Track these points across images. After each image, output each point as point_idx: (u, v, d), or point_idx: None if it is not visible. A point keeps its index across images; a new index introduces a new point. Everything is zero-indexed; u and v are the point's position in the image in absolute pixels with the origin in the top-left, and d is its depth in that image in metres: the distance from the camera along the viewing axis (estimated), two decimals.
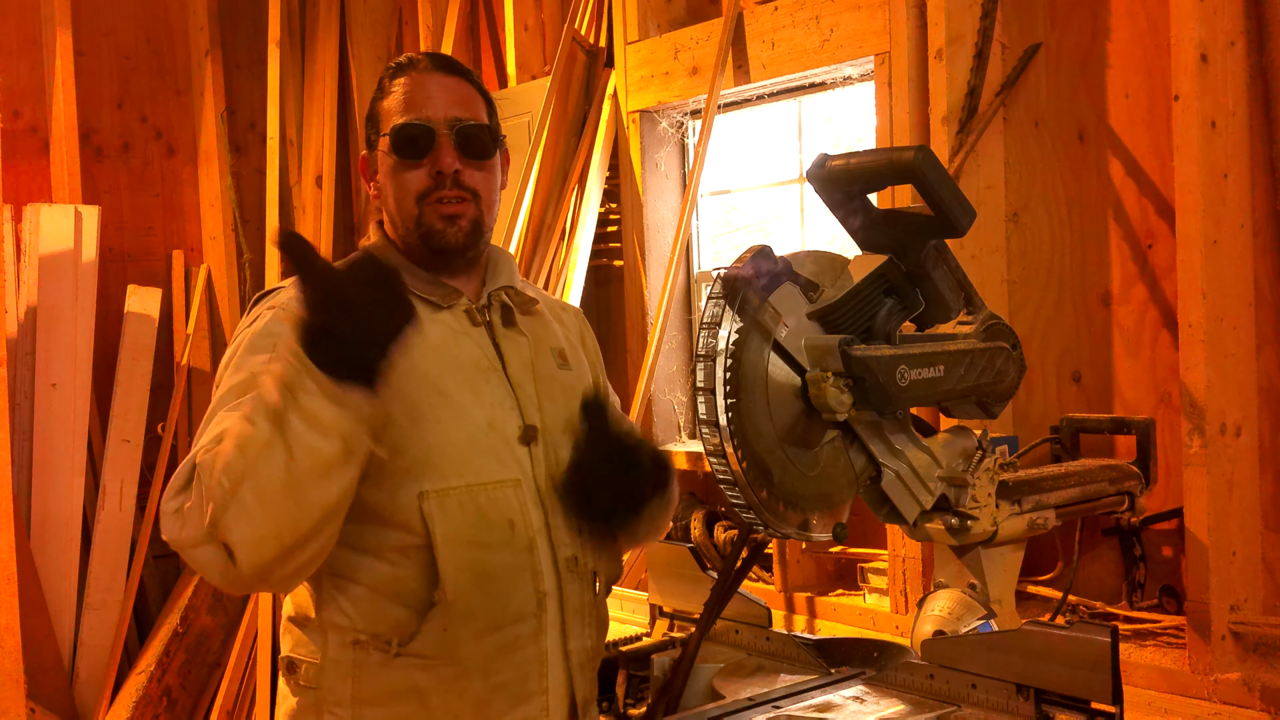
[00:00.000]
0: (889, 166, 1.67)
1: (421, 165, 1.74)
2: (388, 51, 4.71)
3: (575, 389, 1.85)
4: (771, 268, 1.62)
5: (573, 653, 1.76)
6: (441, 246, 1.76)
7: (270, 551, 1.46)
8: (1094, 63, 2.49)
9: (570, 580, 1.75)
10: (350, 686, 1.69)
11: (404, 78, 1.77)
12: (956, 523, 1.83)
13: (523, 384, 1.78)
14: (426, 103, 1.75)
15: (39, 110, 4.43)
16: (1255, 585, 2.22)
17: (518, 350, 1.80)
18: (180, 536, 1.49)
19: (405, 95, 1.76)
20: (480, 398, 1.74)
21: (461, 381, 1.73)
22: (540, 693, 1.73)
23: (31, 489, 4.17)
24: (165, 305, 4.61)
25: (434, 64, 1.79)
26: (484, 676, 1.69)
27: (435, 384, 1.71)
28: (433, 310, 1.75)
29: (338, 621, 1.68)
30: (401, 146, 1.74)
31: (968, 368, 1.79)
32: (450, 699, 1.68)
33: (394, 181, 1.76)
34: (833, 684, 1.85)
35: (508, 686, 1.70)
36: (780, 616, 2.99)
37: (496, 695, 1.70)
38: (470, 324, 1.78)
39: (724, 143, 3.49)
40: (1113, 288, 2.49)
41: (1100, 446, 2.46)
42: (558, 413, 1.80)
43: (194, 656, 4.39)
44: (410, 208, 1.75)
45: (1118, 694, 1.52)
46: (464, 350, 1.76)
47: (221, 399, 1.62)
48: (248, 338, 1.69)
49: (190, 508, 1.48)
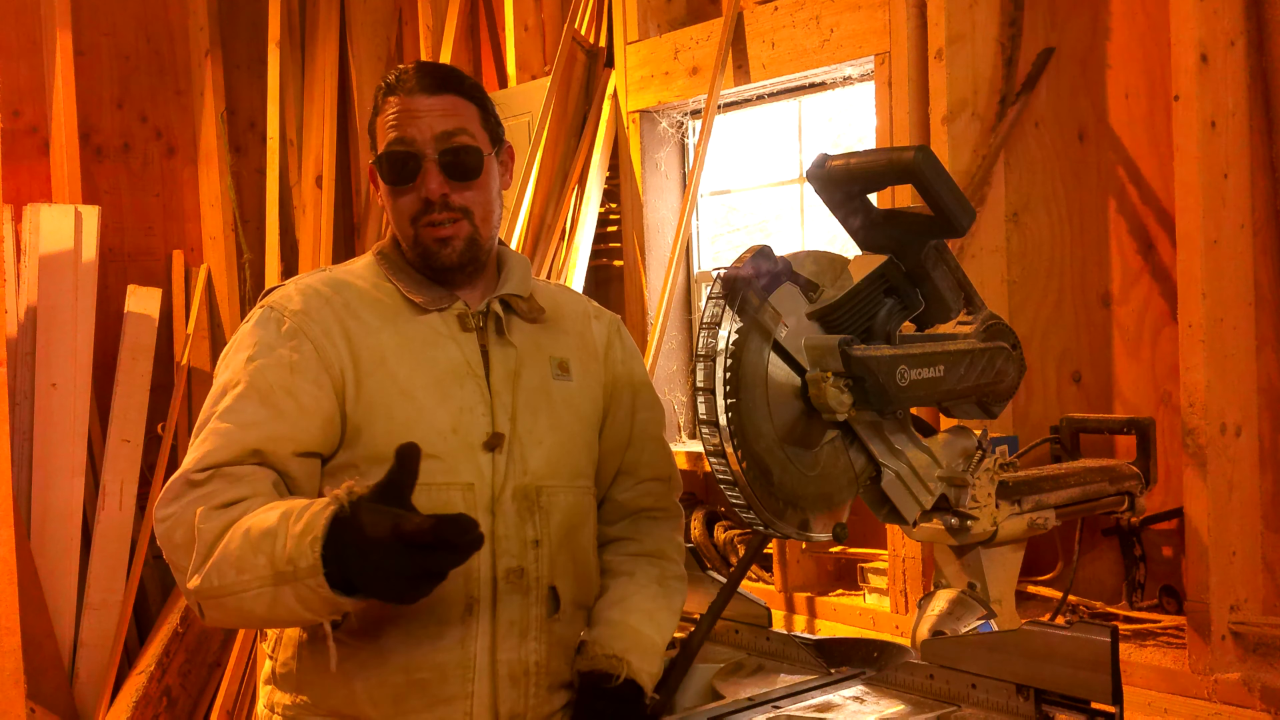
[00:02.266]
0: (889, 166, 1.67)
1: (411, 190, 1.77)
2: (388, 51, 4.71)
3: (572, 400, 1.86)
4: (771, 268, 1.61)
5: (501, 663, 1.74)
6: (438, 265, 1.79)
7: (239, 627, 1.58)
8: (1094, 63, 2.49)
9: (509, 591, 1.74)
10: (295, 671, 1.76)
11: (393, 97, 1.78)
12: (956, 523, 1.83)
13: (500, 392, 1.79)
14: (411, 124, 1.76)
15: (39, 110, 4.43)
16: (1255, 585, 2.22)
17: (504, 359, 1.81)
18: (166, 557, 1.63)
19: (394, 117, 1.77)
20: (448, 401, 1.75)
21: (430, 384, 1.75)
22: (463, 697, 1.73)
23: (31, 489, 4.17)
24: (165, 305, 4.61)
25: (421, 83, 1.77)
26: (404, 671, 1.71)
27: (401, 385, 1.74)
28: (418, 313, 1.79)
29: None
30: (389, 173, 1.77)
31: (968, 368, 1.79)
32: (372, 686, 1.71)
33: (389, 203, 1.80)
34: (833, 684, 1.85)
35: (426, 685, 1.71)
36: (780, 616, 2.99)
37: (414, 691, 1.71)
38: (460, 329, 1.80)
39: (724, 143, 3.49)
40: (1113, 288, 2.49)
41: (1100, 446, 2.46)
42: (538, 422, 1.81)
43: (194, 656, 4.39)
44: (406, 228, 1.79)
45: (1118, 694, 1.52)
46: (444, 354, 1.78)
47: (211, 397, 1.71)
48: (239, 336, 1.77)
49: (178, 547, 1.59)
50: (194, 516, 1.57)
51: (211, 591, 1.54)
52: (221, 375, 1.73)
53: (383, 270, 1.83)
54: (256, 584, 1.50)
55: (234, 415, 1.67)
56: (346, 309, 1.77)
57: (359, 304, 1.78)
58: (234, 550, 1.52)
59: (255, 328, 1.76)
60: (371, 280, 1.82)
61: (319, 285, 1.80)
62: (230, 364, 1.73)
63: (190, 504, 1.59)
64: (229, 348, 1.77)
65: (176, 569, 1.60)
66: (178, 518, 1.59)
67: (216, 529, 1.55)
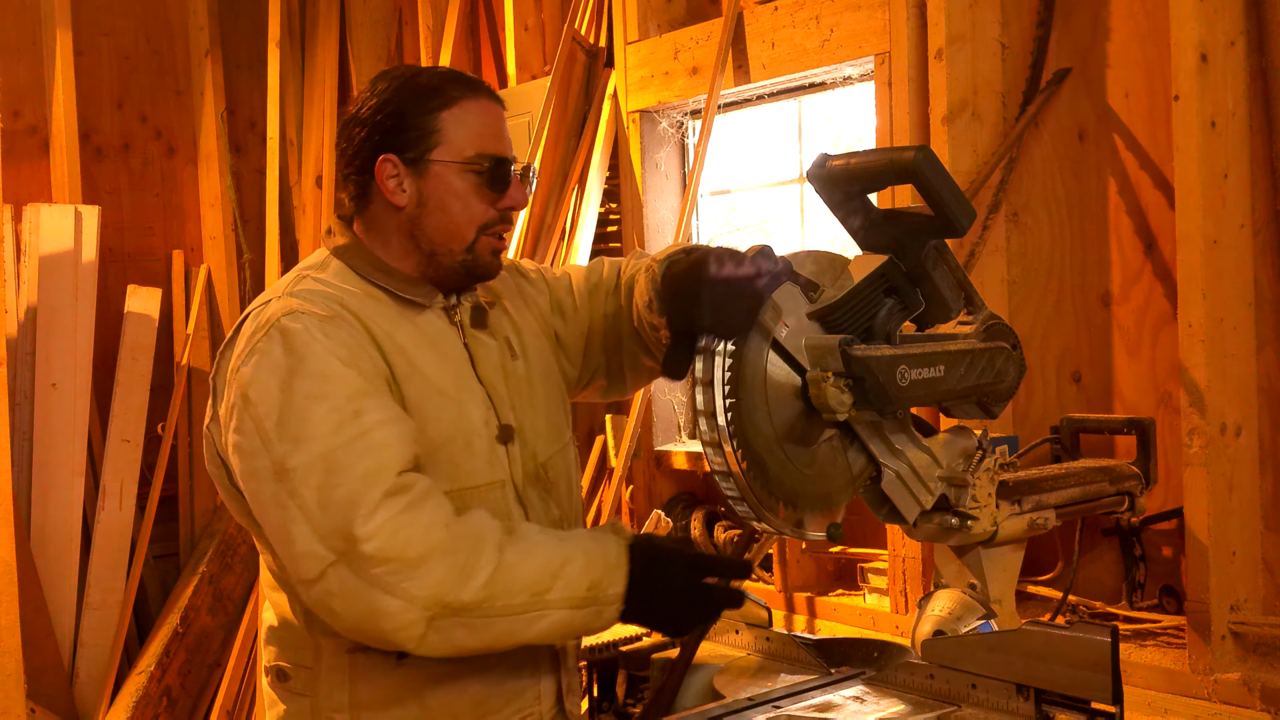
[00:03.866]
0: (889, 166, 1.66)
1: (492, 198, 1.74)
2: (388, 52, 4.71)
3: (533, 378, 1.85)
4: (771, 268, 1.61)
5: (561, 645, 1.81)
6: (482, 276, 1.78)
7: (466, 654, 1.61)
8: (1094, 63, 2.49)
9: None
10: (348, 692, 1.69)
11: (474, 101, 1.74)
12: (956, 523, 1.83)
13: (495, 384, 1.78)
14: (502, 136, 1.76)
15: (39, 110, 4.43)
16: (1255, 585, 2.22)
17: (487, 352, 1.80)
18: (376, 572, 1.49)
19: (484, 122, 1.74)
20: (472, 396, 1.75)
21: (454, 380, 1.73)
22: (533, 684, 1.78)
23: (31, 489, 4.16)
24: (165, 305, 4.61)
25: (491, 96, 1.79)
26: (480, 673, 1.72)
27: (434, 383, 1.70)
28: (416, 310, 1.75)
29: (330, 631, 1.63)
30: (492, 179, 1.73)
31: (968, 368, 1.79)
32: (450, 698, 1.70)
33: (461, 203, 1.72)
34: (833, 684, 1.85)
35: (503, 682, 1.74)
36: (780, 616, 2.99)
37: (493, 691, 1.74)
38: (447, 323, 1.78)
39: (724, 143, 3.49)
40: (1113, 288, 2.49)
41: (1100, 446, 2.46)
42: (529, 405, 1.82)
43: (194, 656, 4.39)
44: (468, 234, 1.73)
45: (1118, 694, 1.53)
46: (452, 348, 1.76)
47: (337, 413, 1.55)
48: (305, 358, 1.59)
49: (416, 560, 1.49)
50: (427, 524, 1.51)
51: (483, 611, 1.51)
52: (318, 386, 1.57)
53: (360, 271, 1.73)
54: (540, 606, 1.53)
55: (379, 422, 1.57)
56: (361, 311, 1.68)
57: (360, 309, 1.69)
58: (526, 573, 1.53)
59: (321, 340, 1.61)
60: (356, 285, 1.72)
61: (315, 298, 1.67)
62: (326, 377, 1.58)
63: (409, 510, 1.51)
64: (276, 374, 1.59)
65: (408, 580, 1.48)
66: (398, 527, 1.50)
67: (474, 539, 1.53)
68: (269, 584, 1.76)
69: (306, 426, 1.54)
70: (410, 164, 1.71)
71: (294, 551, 1.53)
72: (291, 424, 1.55)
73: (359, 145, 1.73)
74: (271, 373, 1.58)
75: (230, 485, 1.69)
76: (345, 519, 1.49)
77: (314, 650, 1.70)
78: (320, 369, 1.58)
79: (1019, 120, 2.57)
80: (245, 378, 1.60)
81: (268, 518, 1.57)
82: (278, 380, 1.57)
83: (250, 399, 1.58)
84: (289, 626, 1.73)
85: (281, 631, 1.74)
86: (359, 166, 1.74)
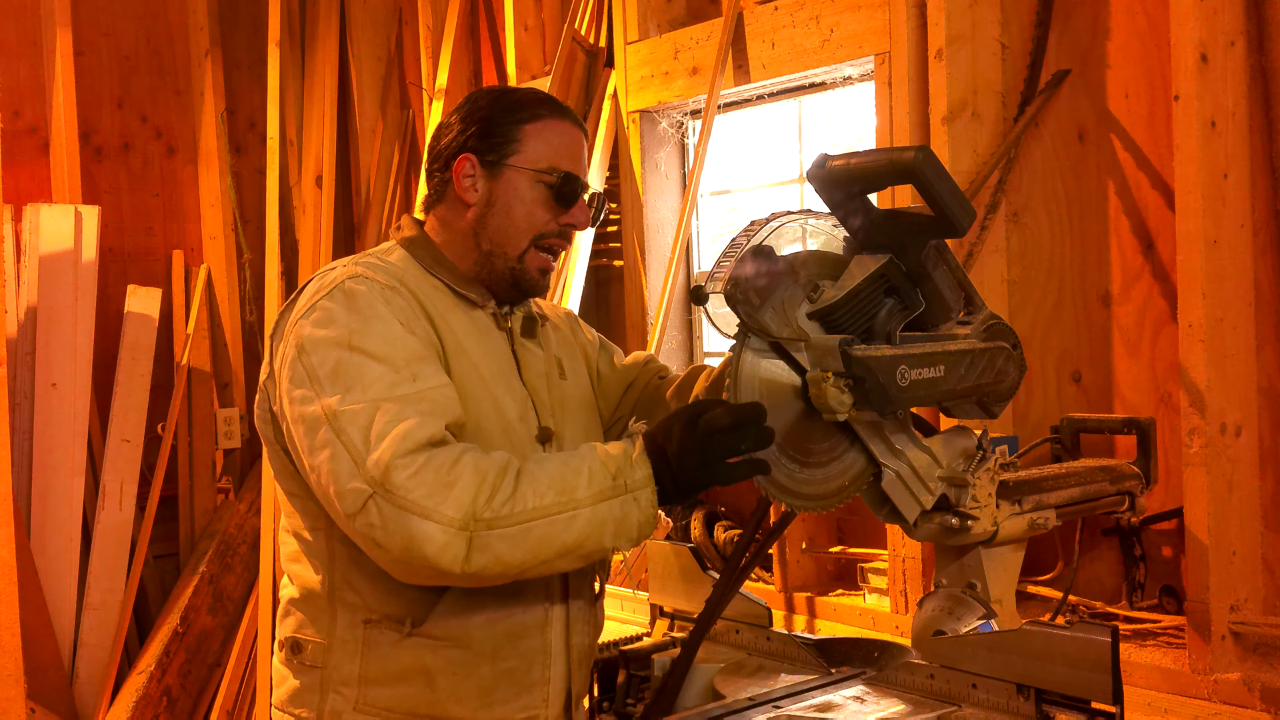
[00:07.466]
0: (889, 166, 1.66)
1: (560, 212, 1.82)
2: (387, 52, 4.71)
3: (579, 395, 1.95)
4: (771, 268, 1.62)
5: (574, 647, 1.84)
6: (527, 290, 1.85)
7: (502, 576, 1.60)
8: (1094, 63, 2.49)
9: (576, 577, 1.83)
10: (358, 665, 1.73)
11: (558, 121, 1.83)
12: (957, 523, 1.83)
13: (538, 390, 1.86)
14: (579, 159, 1.84)
15: (39, 110, 4.43)
16: (1255, 585, 2.22)
17: (534, 360, 1.88)
18: (414, 498, 1.53)
19: (564, 142, 1.82)
20: (511, 392, 1.81)
21: (497, 374, 1.80)
22: (542, 683, 1.80)
23: (31, 489, 4.16)
24: (165, 305, 4.61)
25: (575, 121, 1.87)
26: (491, 661, 1.74)
27: (480, 372, 1.77)
28: (470, 307, 1.83)
29: (350, 600, 1.73)
30: (562, 195, 1.81)
31: (968, 368, 1.79)
32: (456, 681, 1.73)
33: (525, 209, 1.81)
34: (833, 684, 1.85)
35: (513, 674, 1.76)
36: (780, 616, 2.99)
37: (501, 681, 1.76)
38: (496, 327, 1.86)
39: (724, 143, 3.49)
40: (1113, 288, 2.49)
41: (1100, 446, 2.46)
42: (568, 418, 1.89)
43: (194, 656, 4.39)
44: (522, 241, 1.81)
45: (1118, 694, 1.53)
46: (499, 347, 1.84)
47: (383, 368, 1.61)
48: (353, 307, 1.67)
49: (443, 486, 1.53)
50: (458, 456, 1.55)
51: (516, 518, 1.53)
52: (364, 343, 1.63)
53: (422, 263, 1.83)
54: (572, 506, 1.54)
55: (434, 386, 1.64)
56: (419, 292, 1.77)
57: (419, 289, 1.78)
58: (547, 475, 1.55)
59: (383, 304, 1.69)
60: (417, 273, 1.81)
61: (373, 270, 1.76)
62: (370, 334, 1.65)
63: (446, 452, 1.56)
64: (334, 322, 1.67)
65: (443, 502, 1.52)
66: (431, 458, 1.55)
67: (501, 464, 1.56)
68: (290, 557, 1.81)
69: (363, 379, 1.61)
70: (487, 165, 1.81)
71: (339, 489, 1.57)
72: (348, 375, 1.61)
73: (444, 145, 1.84)
74: (333, 328, 1.65)
75: (276, 443, 1.75)
76: (385, 453, 1.54)
77: (330, 620, 1.75)
78: (383, 331, 1.65)
79: (1019, 120, 2.57)
80: (306, 331, 1.67)
81: (316, 461, 1.61)
82: (338, 335, 1.64)
83: (308, 349, 1.65)
84: (310, 595, 1.77)
85: (302, 603, 1.79)
86: (441, 165, 1.85)
